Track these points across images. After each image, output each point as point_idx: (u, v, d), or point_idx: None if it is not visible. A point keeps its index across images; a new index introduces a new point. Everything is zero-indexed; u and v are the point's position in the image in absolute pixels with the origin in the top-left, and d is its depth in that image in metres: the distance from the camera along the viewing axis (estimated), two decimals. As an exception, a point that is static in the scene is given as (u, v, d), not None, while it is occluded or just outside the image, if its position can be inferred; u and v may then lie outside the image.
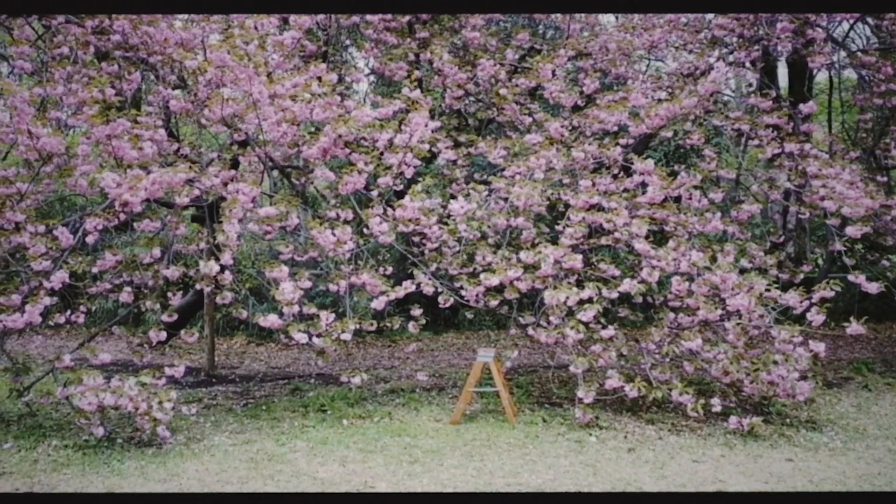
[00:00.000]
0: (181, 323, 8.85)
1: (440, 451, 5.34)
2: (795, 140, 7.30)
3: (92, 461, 5.08)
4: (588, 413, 6.00)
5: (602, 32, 8.66)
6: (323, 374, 8.32)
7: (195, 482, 4.68)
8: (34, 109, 5.73)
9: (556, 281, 6.26)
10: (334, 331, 5.99)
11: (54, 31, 6.38)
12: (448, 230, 6.62)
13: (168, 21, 6.65)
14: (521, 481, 4.72)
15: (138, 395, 5.36)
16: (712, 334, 6.60)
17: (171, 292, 6.53)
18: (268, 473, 4.84)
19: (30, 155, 5.70)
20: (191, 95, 6.53)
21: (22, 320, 5.32)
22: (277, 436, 5.74)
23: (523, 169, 6.79)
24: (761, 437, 5.78)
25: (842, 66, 9.02)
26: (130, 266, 6.40)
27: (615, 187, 6.67)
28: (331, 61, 8.28)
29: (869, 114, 9.22)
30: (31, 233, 5.56)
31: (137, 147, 5.71)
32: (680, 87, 7.49)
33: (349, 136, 6.45)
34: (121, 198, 5.37)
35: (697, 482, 4.75)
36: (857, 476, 4.92)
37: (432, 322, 10.74)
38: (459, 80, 8.13)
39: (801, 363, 5.87)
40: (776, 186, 7.88)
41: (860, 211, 6.52)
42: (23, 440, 5.54)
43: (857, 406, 6.85)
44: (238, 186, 6.03)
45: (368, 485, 4.65)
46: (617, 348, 6.41)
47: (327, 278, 6.66)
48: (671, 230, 6.61)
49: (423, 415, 6.41)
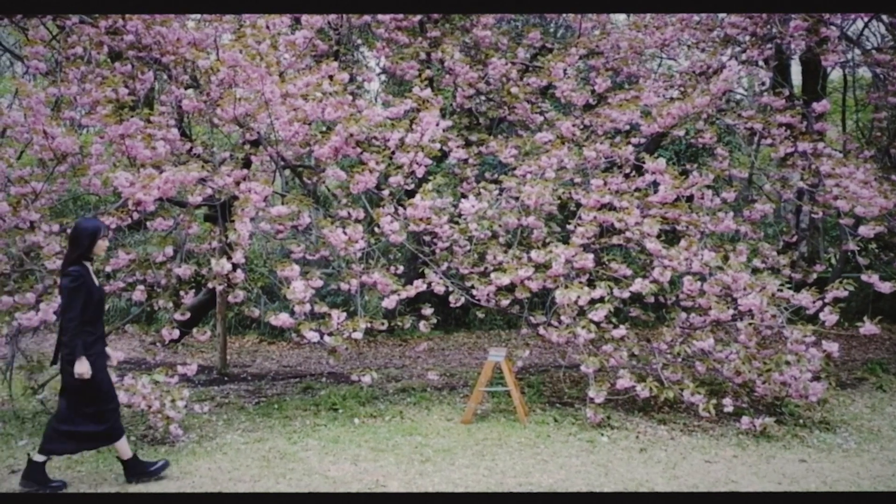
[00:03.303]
0: (193, 321, 8.89)
1: (451, 451, 5.34)
2: (809, 139, 7.25)
3: (105, 459, 5.11)
4: (599, 413, 5.98)
5: (613, 31, 8.63)
6: (334, 373, 8.34)
7: (208, 480, 4.71)
8: (49, 109, 5.78)
9: (568, 280, 6.24)
10: (345, 329, 6.01)
11: (68, 31, 6.42)
12: (459, 229, 6.62)
13: (181, 21, 6.68)
14: (533, 481, 4.72)
15: (151, 394, 5.39)
16: (724, 334, 6.57)
17: (183, 291, 6.56)
18: (280, 472, 4.86)
19: (44, 154, 5.75)
20: (203, 95, 6.56)
21: (37, 318, 5.36)
22: (289, 434, 5.76)
23: (534, 168, 6.78)
24: (774, 437, 5.75)
25: (856, 64, 8.94)
26: (143, 265, 6.44)
27: (627, 186, 6.65)
28: (342, 61, 8.29)
29: (883, 112, 9.15)
30: (46, 231, 5.62)
31: (150, 146, 5.75)
32: (692, 86, 7.45)
33: (360, 135, 6.46)
34: (134, 197, 5.41)
35: (710, 483, 4.74)
36: (872, 477, 4.88)
37: (443, 321, 10.75)
38: (470, 79, 8.13)
39: (814, 363, 5.83)
40: (789, 186, 7.83)
41: (874, 210, 6.47)
42: (37, 437, 5.56)
43: (871, 407, 6.80)
44: (250, 185, 6.06)
45: (380, 484, 4.65)
46: (628, 348, 6.39)
47: (338, 277, 6.68)
48: (683, 230, 6.58)
49: (435, 414, 6.42)
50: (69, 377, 4.45)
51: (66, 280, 4.46)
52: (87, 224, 4.67)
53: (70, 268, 4.49)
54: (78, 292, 4.45)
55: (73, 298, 4.43)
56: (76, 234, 4.59)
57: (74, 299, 4.43)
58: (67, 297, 4.46)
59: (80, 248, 4.55)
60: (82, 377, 4.39)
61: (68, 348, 4.42)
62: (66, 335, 4.43)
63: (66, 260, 4.60)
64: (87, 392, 4.49)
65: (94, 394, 4.52)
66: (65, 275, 4.49)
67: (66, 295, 4.46)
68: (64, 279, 4.48)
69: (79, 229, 4.60)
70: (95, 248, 4.61)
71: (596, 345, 6.30)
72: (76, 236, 4.57)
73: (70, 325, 4.41)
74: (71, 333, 4.40)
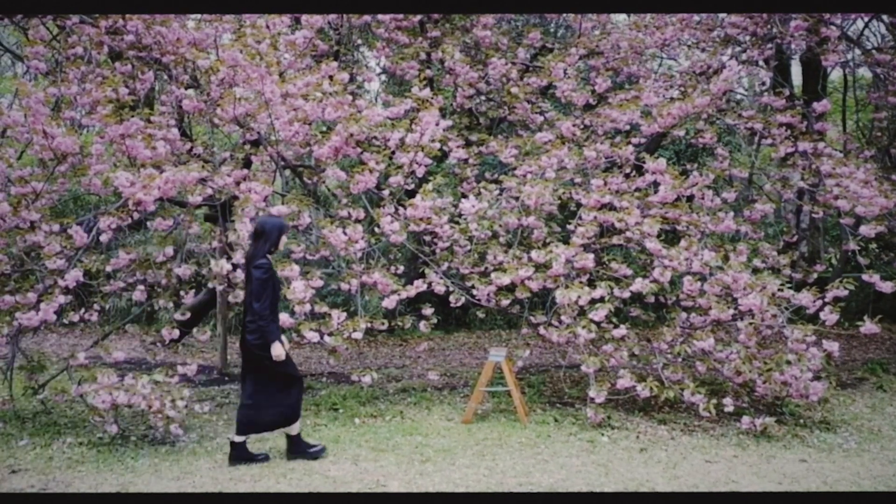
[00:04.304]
0: (194, 321, 8.91)
1: (452, 451, 5.34)
2: (809, 139, 7.25)
3: (106, 459, 5.11)
4: (600, 413, 5.98)
5: (614, 31, 8.62)
6: (335, 373, 8.34)
7: (208, 480, 4.71)
8: (49, 109, 5.78)
9: (568, 280, 6.25)
10: (346, 329, 6.02)
11: (69, 31, 6.42)
12: (459, 229, 6.62)
13: (181, 21, 6.68)
14: (533, 481, 4.72)
15: (151, 393, 5.39)
16: (725, 334, 6.57)
17: (183, 291, 6.56)
18: (280, 472, 4.86)
19: (44, 154, 5.74)
20: (203, 95, 6.56)
21: (37, 318, 5.36)
22: (289, 434, 5.76)
23: (535, 168, 6.78)
24: (774, 437, 5.75)
25: (856, 64, 8.93)
26: (144, 265, 6.44)
27: (627, 186, 6.65)
28: (342, 61, 8.30)
29: (883, 112, 9.15)
30: (46, 231, 5.61)
31: (151, 146, 5.75)
32: (692, 86, 7.45)
33: (360, 135, 6.46)
34: (134, 197, 5.41)
35: (710, 482, 4.73)
36: (872, 477, 4.88)
37: (443, 321, 10.75)
38: (471, 79, 8.12)
39: (815, 363, 5.83)
40: (789, 185, 7.83)
41: (874, 210, 6.47)
42: (38, 437, 5.59)
43: (872, 407, 6.80)
44: (250, 185, 6.06)
45: (380, 484, 4.65)
46: (629, 348, 6.39)
47: (339, 277, 6.68)
48: (683, 229, 6.58)
49: (435, 414, 6.42)
50: (259, 360, 4.92)
51: (258, 272, 4.87)
52: (274, 221, 5.14)
53: (260, 260, 4.91)
54: (268, 282, 4.91)
55: (265, 287, 4.88)
56: (264, 228, 5.01)
57: (266, 288, 4.88)
58: (260, 287, 4.86)
59: (269, 242, 4.99)
60: (279, 359, 4.87)
61: (259, 333, 4.87)
62: (261, 321, 4.86)
63: (255, 253, 4.97)
64: (276, 371, 4.94)
65: (282, 374, 4.98)
66: (256, 266, 4.89)
67: (259, 284, 4.87)
68: (256, 270, 4.88)
69: (267, 225, 5.03)
70: (280, 242, 5.06)
71: (596, 345, 6.30)
72: (265, 231, 4.99)
73: (264, 311, 4.86)
74: (267, 319, 4.86)
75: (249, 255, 5.05)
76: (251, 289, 4.91)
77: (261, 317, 4.85)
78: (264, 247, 4.97)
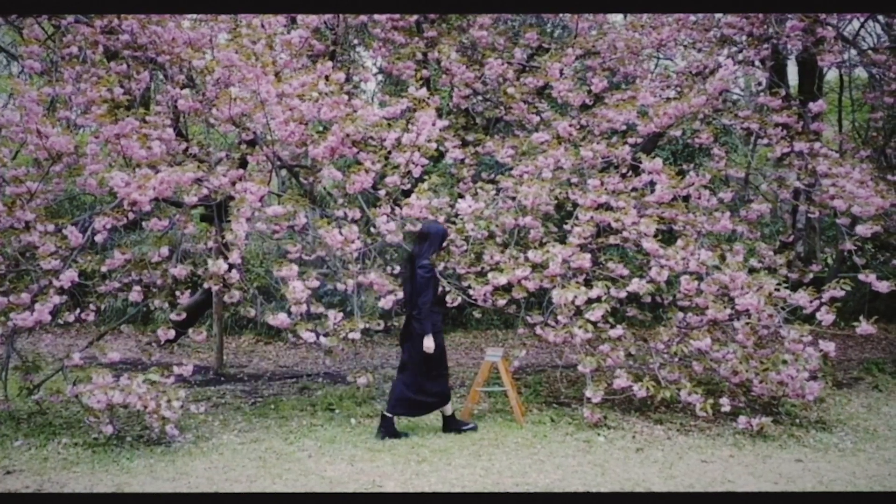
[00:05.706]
0: (190, 321, 8.89)
1: (448, 451, 5.34)
2: (805, 139, 7.26)
3: (101, 459, 5.10)
4: (596, 413, 5.98)
5: (610, 31, 8.61)
6: (331, 373, 8.33)
7: (204, 480, 4.70)
8: (44, 109, 5.75)
9: (565, 280, 6.24)
10: (342, 330, 6.00)
11: (64, 30, 6.40)
12: (456, 229, 6.61)
13: (176, 21, 6.65)
14: (530, 481, 4.71)
15: (147, 394, 5.37)
16: (721, 334, 6.57)
17: (179, 291, 6.54)
18: (276, 472, 4.85)
19: (39, 154, 5.72)
20: (199, 95, 6.54)
21: (32, 319, 5.34)
22: (286, 434, 5.76)
23: (531, 168, 6.78)
24: (771, 437, 5.75)
25: (852, 64, 8.94)
26: (139, 265, 6.42)
27: (624, 186, 6.64)
28: (339, 60, 8.28)
29: (880, 112, 9.15)
30: (41, 232, 5.59)
31: (146, 146, 5.73)
32: (689, 86, 7.45)
33: (357, 135, 6.44)
34: (130, 197, 5.39)
35: (706, 482, 4.73)
36: (868, 477, 4.88)
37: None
38: (467, 79, 8.11)
39: (811, 363, 5.83)
40: (786, 185, 7.83)
41: (870, 210, 6.48)
42: (33, 438, 5.57)
43: (868, 406, 6.80)
44: (246, 185, 6.03)
45: (376, 484, 4.65)
46: (625, 348, 6.39)
47: (335, 277, 6.67)
48: (680, 229, 6.58)
49: (431, 414, 6.40)
50: (417, 350, 5.56)
51: (422, 270, 5.60)
52: (438, 227, 5.90)
53: (424, 261, 5.63)
54: (431, 280, 5.64)
55: (428, 286, 5.61)
56: (431, 233, 5.77)
57: (430, 287, 5.62)
58: (425, 285, 5.60)
59: (435, 246, 5.78)
60: (428, 350, 5.51)
61: (422, 325, 5.54)
62: (421, 315, 5.55)
63: (420, 253, 5.68)
64: (432, 361, 5.61)
65: (438, 361, 5.67)
66: (420, 266, 5.61)
67: (424, 283, 5.60)
68: (420, 270, 5.60)
69: (433, 230, 5.80)
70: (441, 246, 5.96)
71: (593, 344, 6.29)
72: (430, 235, 5.75)
73: (425, 307, 5.55)
74: (425, 314, 5.54)
75: (415, 254, 5.71)
76: (416, 284, 5.60)
77: (421, 311, 5.53)
78: (429, 249, 5.69)
